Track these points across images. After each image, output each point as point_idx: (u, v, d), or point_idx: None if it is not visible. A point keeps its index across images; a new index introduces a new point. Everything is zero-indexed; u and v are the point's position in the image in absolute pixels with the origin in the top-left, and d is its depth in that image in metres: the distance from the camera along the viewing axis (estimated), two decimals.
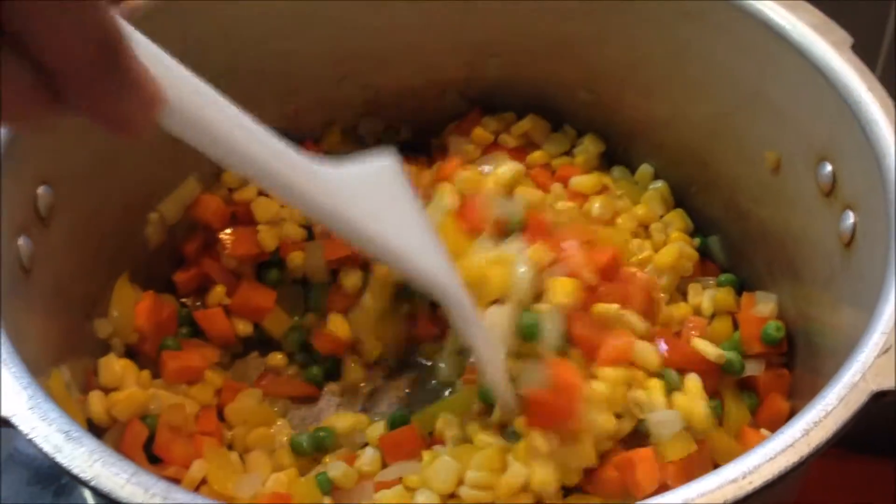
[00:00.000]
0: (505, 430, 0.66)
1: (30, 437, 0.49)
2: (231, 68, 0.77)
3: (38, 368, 0.60)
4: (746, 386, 0.72)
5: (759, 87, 0.72)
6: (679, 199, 0.84)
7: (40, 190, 0.65)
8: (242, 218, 0.81)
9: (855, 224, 0.64)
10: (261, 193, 0.81)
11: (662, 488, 0.62)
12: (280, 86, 0.82)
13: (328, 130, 0.87)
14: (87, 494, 0.70)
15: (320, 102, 0.85)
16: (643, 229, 0.81)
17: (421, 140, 0.89)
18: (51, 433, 0.49)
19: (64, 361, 0.68)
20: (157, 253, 0.80)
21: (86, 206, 0.70)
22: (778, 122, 0.71)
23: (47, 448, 0.48)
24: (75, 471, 0.47)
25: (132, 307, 0.75)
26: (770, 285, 0.76)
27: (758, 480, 0.47)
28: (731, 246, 0.81)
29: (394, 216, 0.58)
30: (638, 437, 0.65)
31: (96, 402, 0.69)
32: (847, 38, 0.67)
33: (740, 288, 0.79)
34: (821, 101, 0.66)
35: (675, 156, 0.82)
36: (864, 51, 0.67)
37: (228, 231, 0.80)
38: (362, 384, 0.79)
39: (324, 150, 0.86)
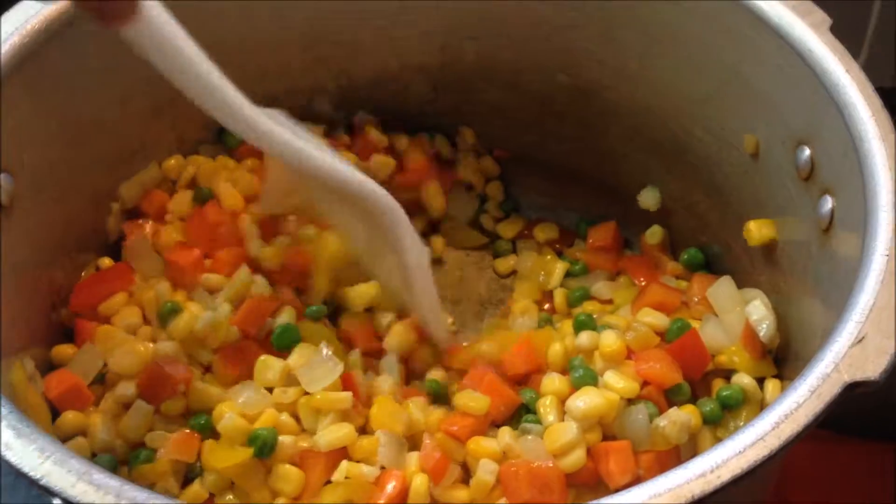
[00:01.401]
0: None
1: None
2: None
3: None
4: None
5: (738, 70, 0.70)
6: (658, 183, 0.82)
7: (1, 179, 0.64)
8: None
9: (833, 209, 0.63)
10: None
11: (636, 481, 0.61)
12: (248, 72, 0.80)
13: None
14: None
15: (291, 90, 0.83)
16: None
17: (396, 128, 0.88)
18: (1, 429, 0.48)
19: (28, 352, 0.66)
20: (119, 243, 0.78)
21: (49, 195, 0.69)
22: (757, 105, 0.70)
23: None
24: (25, 469, 0.46)
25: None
26: (749, 271, 0.75)
27: (726, 475, 0.46)
28: (710, 232, 0.80)
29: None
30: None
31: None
32: (826, 20, 0.66)
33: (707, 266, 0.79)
34: (799, 84, 0.65)
35: (653, 140, 0.81)
36: (849, 33, 0.66)
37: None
38: None
39: None
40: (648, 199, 0.83)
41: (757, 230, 0.71)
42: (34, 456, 0.46)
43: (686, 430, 0.64)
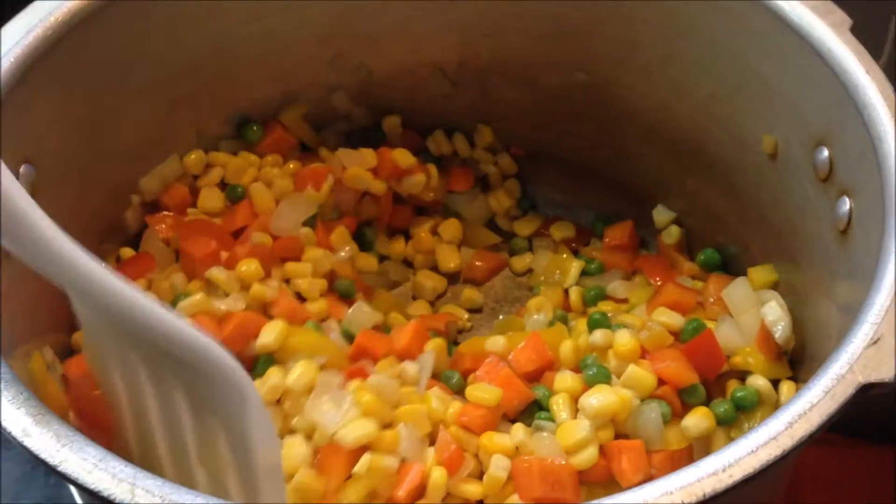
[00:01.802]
0: None
1: None
2: (215, 50, 0.77)
3: (18, 349, 0.60)
4: None
5: (758, 69, 0.70)
6: (674, 183, 0.82)
7: (22, 169, 0.64)
8: None
9: (851, 210, 0.62)
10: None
11: (648, 480, 0.61)
12: (267, 68, 0.81)
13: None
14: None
15: (310, 85, 0.83)
16: None
17: (414, 125, 0.88)
18: (20, 416, 0.48)
19: (48, 339, 0.67)
20: (139, 236, 0.79)
21: (70, 186, 0.70)
22: (776, 105, 0.70)
23: (15, 431, 0.48)
24: (42, 455, 0.46)
25: None
26: None
27: (738, 473, 0.46)
28: (727, 232, 0.79)
29: None
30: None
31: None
32: (846, 20, 0.65)
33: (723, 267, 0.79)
34: (819, 84, 0.65)
35: (671, 139, 0.80)
36: (871, 34, 0.66)
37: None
38: None
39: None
40: (662, 217, 0.84)
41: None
42: (52, 443, 0.47)
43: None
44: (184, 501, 0.44)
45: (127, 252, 0.77)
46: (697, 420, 0.65)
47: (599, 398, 0.64)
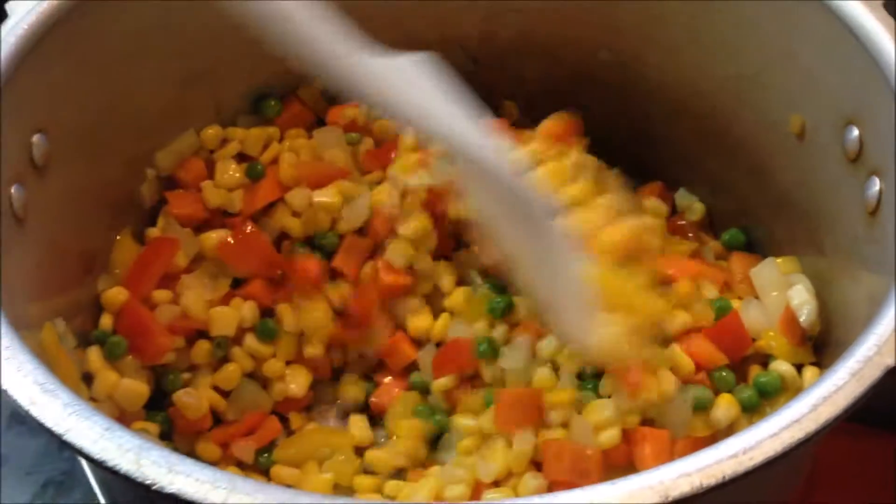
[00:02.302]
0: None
1: (3, 388, 0.47)
2: (234, 22, 0.75)
3: (30, 320, 0.59)
4: None
5: (787, 47, 0.68)
6: (698, 164, 0.80)
7: (35, 138, 0.63)
8: None
9: (881, 191, 0.61)
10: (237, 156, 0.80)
11: None
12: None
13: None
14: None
15: None
16: None
17: None
18: (26, 384, 0.47)
19: (61, 314, 0.66)
20: (155, 210, 0.78)
21: (84, 157, 0.69)
22: (805, 83, 0.68)
23: (21, 399, 0.47)
24: (48, 424, 0.46)
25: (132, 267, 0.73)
26: (791, 254, 0.73)
27: (759, 456, 0.45)
28: (752, 214, 0.78)
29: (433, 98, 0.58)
30: None
31: (94, 357, 0.68)
32: None
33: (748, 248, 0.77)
34: (850, 62, 0.63)
35: (696, 119, 0.79)
36: None
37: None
38: None
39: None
40: (683, 201, 0.82)
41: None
42: (58, 411, 0.46)
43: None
44: (188, 471, 0.43)
45: (153, 232, 0.76)
46: (726, 409, 0.64)
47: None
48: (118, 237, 0.74)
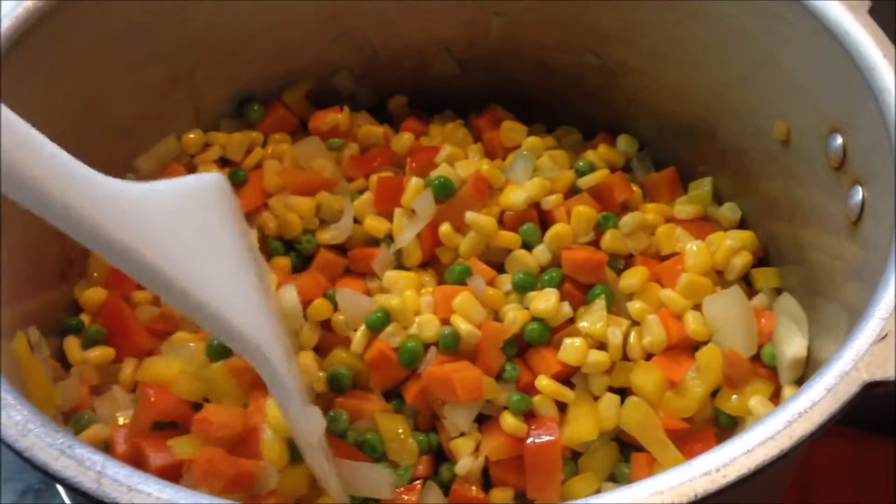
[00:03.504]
0: None
1: None
2: (216, 24, 0.75)
3: (2, 328, 0.59)
4: None
5: (771, 53, 0.67)
6: (685, 171, 0.79)
7: None
8: None
9: (863, 200, 0.60)
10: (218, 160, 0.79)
11: None
12: (269, 44, 0.79)
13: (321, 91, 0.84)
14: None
15: (314, 63, 0.81)
16: None
17: (419, 105, 0.86)
18: None
19: (37, 321, 0.66)
20: None
21: None
22: (789, 90, 0.67)
23: None
24: (9, 441, 0.45)
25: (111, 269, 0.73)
26: (778, 262, 0.72)
27: (733, 474, 0.44)
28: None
29: (203, 252, 0.48)
30: None
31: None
32: (864, 2, 0.62)
33: None
34: (834, 68, 0.62)
35: (683, 126, 0.78)
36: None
37: None
38: None
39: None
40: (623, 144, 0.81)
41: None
42: (18, 429, 0.45)
43: None
44: (149, 490, 0.42)
45: None
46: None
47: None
48: None
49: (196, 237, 0.48)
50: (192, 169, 0.79)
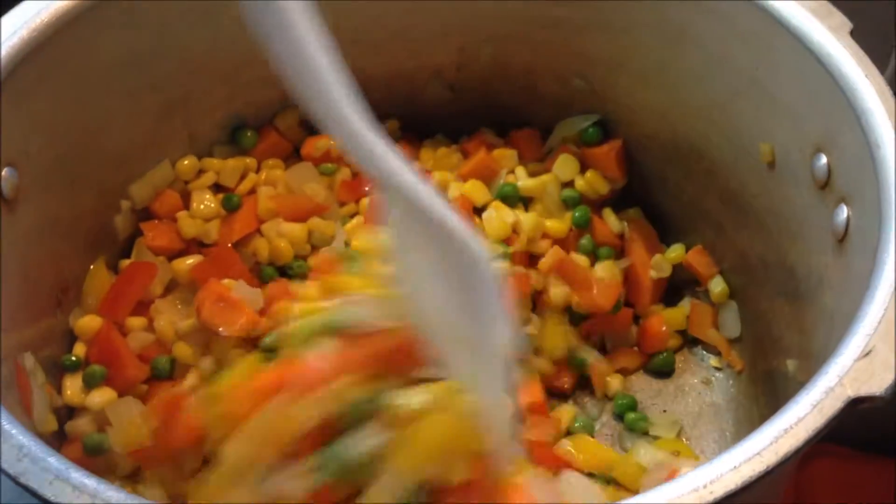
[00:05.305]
0: None
1: None
2: (209, 51, 0.76)
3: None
4: None
5: (756, 75, 0.69)
6: (673, 191, 0.80)
7: (4, 172, 0.63)
8: None
9: (849, 218, 0.61)
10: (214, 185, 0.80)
11: None
12: (263, 71, 0.79)
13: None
14: None
15: None
16: None
17: (411, 128, 0.87)
18: None
19: (32, 348, 0.66)
20: (130, 242, 0.78)
21: (56, 189, 0.69)
22: (774, 111, 0.68)
23: None
24: (4, 466, 0.45)
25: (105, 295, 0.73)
26: (764, 282, 0.73)
27: (719, 490, 0.45)
28: (726, 240, 0.78)
29: None
30: None
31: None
32: (846, 23, 0.64)
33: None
34: (817, 90, 0.63)
35: (669, 146, 0.79)
36: (878, 40, 0.64)
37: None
38: None
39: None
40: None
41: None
42: (13, 453, 0.46)
43: None
44: None
45: (127, 264, 0.76)
46: None
47: None
48: (91, 268, 0.74)
49: None
50: (185, 195, 0.79)
